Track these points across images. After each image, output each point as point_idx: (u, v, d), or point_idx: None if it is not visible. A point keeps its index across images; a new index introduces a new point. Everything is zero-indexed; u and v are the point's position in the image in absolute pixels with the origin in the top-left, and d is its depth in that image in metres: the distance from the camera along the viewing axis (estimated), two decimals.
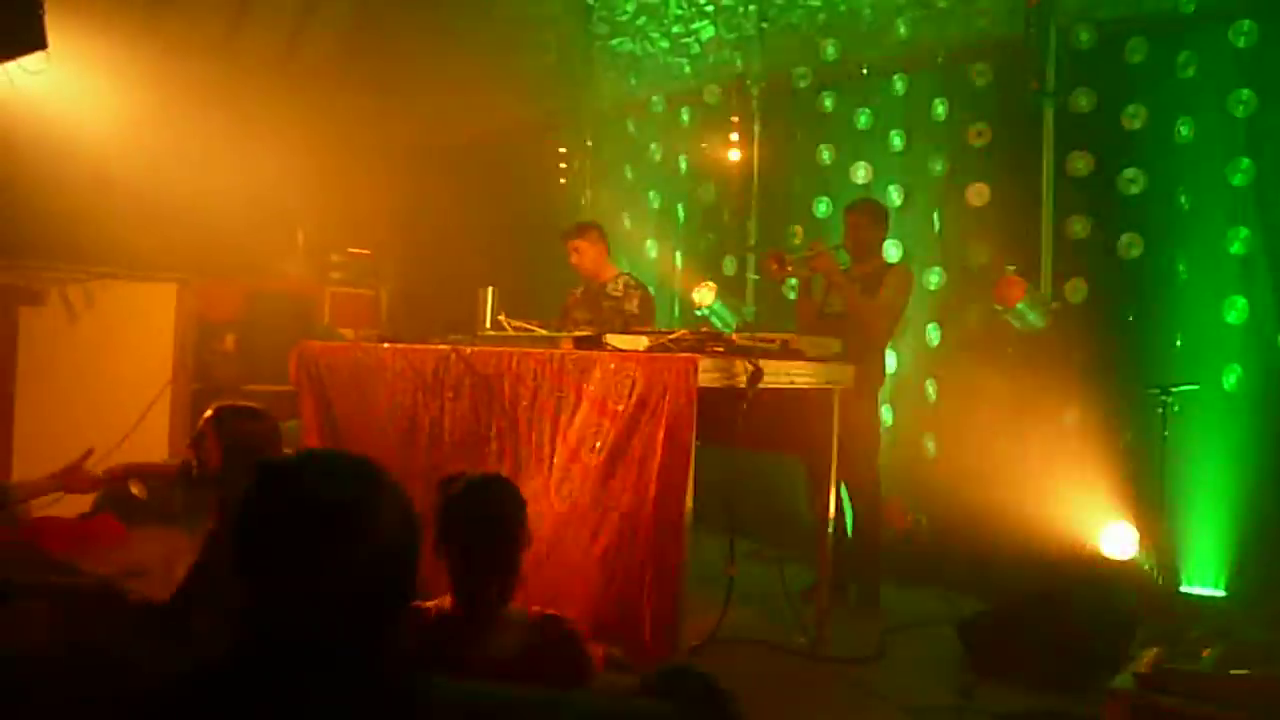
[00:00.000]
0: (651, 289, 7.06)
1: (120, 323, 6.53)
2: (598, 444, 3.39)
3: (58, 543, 4.31)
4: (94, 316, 6.40)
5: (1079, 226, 5.25)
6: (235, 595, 1.36)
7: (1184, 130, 4.96)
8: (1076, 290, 5.23)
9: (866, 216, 5.10)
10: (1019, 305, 5.05)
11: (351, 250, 8.16)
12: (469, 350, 4.00)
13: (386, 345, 4.47)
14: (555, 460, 3.56)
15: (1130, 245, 5.08)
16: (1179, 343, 4.91)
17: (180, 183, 6.68)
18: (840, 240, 5.15)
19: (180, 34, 7.17)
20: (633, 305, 5.39)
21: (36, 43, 4.57)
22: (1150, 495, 4.67)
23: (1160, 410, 4.63)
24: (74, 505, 4.74)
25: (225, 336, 7.30)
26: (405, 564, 1.40)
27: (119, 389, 6.24)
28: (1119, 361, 5.09)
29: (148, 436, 6.41)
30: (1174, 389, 4.64)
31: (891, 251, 5.76)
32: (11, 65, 5.01)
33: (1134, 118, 5.11)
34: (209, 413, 3.32)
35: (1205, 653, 3.56)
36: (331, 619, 1.32)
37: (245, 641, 1.33)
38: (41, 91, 5.70)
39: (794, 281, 5.76)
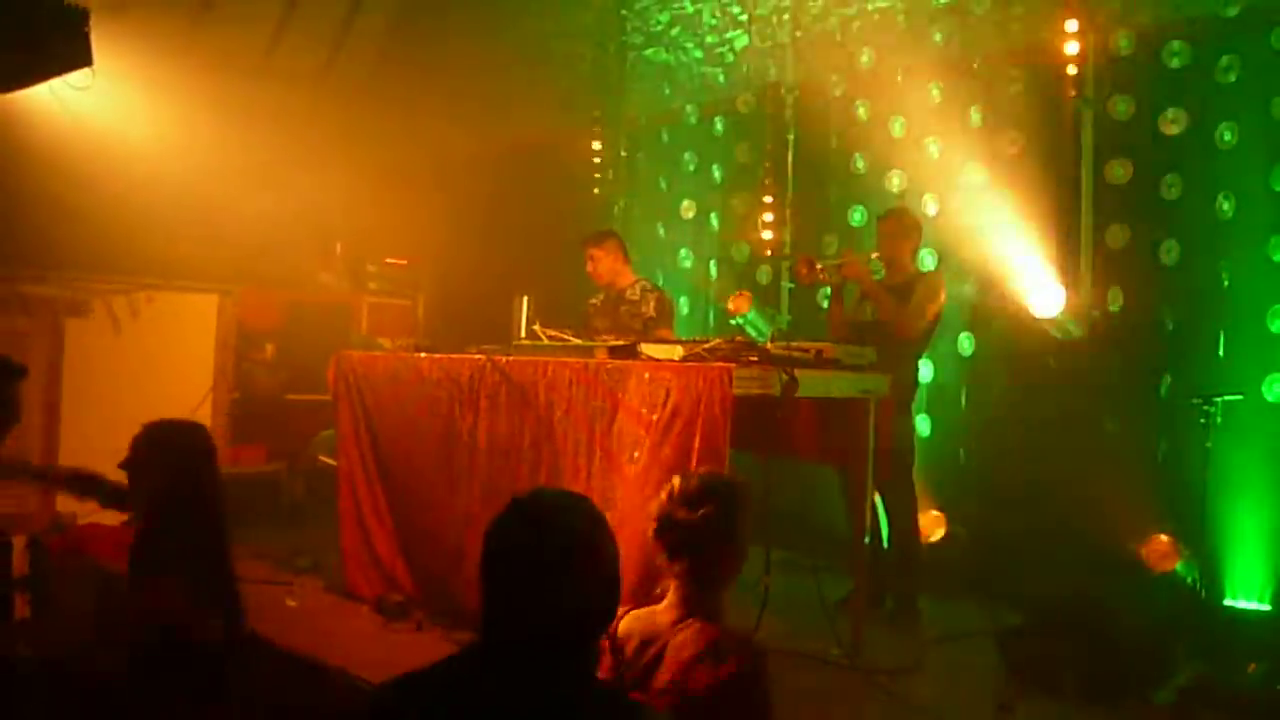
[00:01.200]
0: (685, 298, 7.10)
1: (163, 333, 6.66)
2: (635, 453, 3.40)
3: (102, 549, 4.37)
4: (137, 327, 6.53)
5: (1118, 234, 5.19)
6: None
7: (1226, 135, 4.90)
8: (1116, 298, 5.17)
9: (896, 226, 5.10)
10: (1057, 314, 5.01)
11: (389, 261, 8.23)
12: (504, 359, 4.03)
13: (423, 354, 4.51)
14: (594, 469, 3.57)
15: (1170, 253, 5.01)
16: (1221, 352, 4.84)
17: (221, 195, 6.80)
18: (873, 249, 5.13)
19: (222, 50, 7.29)
20: (649, 309, 5.41)
21: (82, 59, 4.66)
22: (1192, 507, 4.60)
23: (1202, 420, 4.56)
24: (118, 513, 4.82)
25: (265, 346, 7.40)
26: (617, 588, 1.72)
27: (162, 398, 6.32)
28: (1160, 371, 5.02)
29: None
30: (1216, 399, 4.57)
31: (928, 260, 5.73)
32: (57, 82, 5.11)
33: (1174, 123, 5.05)
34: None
35: (1251, 667, 3.51)
36: (559, 631, 1.60)
37: (484, 644, 1.61)
38: (87, 107, 5.81)
39: (827, 290, 5.74)
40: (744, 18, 7.00)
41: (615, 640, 2.38)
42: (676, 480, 2.50)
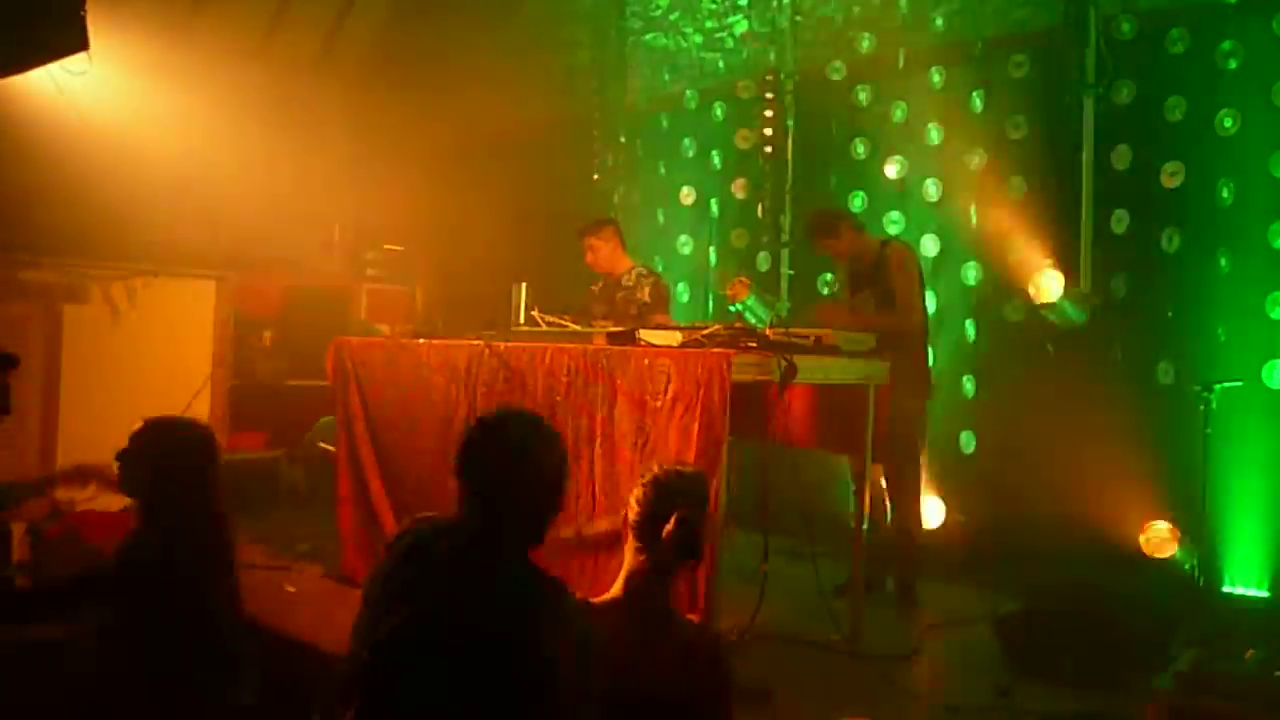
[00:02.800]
0: (685, 285, 7.08)
1: (161, 319, 6.65)
2: (638, 440, 3.40)
3: (99, 535, 4.38)
4: (135, 313, 6.52)
5: (1119, 221, 5.18)
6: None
7: (1227, 122, 4.88)
8: (1118, 285, 5.16)
9: (828, 236, 5.08)
10: (1058, 300, 5.00)
11: (387, 247, 8.21)
12: (502, 345, 4.02)
13: (421, 341, 4.50)
14: (595, 454, 3.56)
15: (1171, 239, 5.00)
16: (1221, 338, 4.83)
17: (219, 181, 6.78)
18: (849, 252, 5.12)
19: (219, 36, 7.26)
20: (644, 294, 5.40)
21: (78, 44, 4.64)
22: (1191, 493, 4.60)
23: (1202, 407, 4.56)
24: (117, 499, 4.83)
25: (263, 332, 7.39)
26: (561, 487, 2.28)
27: (160, 384, 6.35)
28: (1160, 357, 5.02)
29: None
30: (1216, 385, 4.56)
31: (928, 248, 5.71)
32: (54, 67, 5.08)
33: (1175, 110, 5.03)
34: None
35: (1248, 654, 3.51)
36: (516, 514, 2.20)
37: (463, 520, 2.22)
38: (83, 92, 5.79)
39: (828, 277, 5.74)
40: (744, 2, 6.97)
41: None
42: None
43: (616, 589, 2.57)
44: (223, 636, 2.87)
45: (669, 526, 2.51)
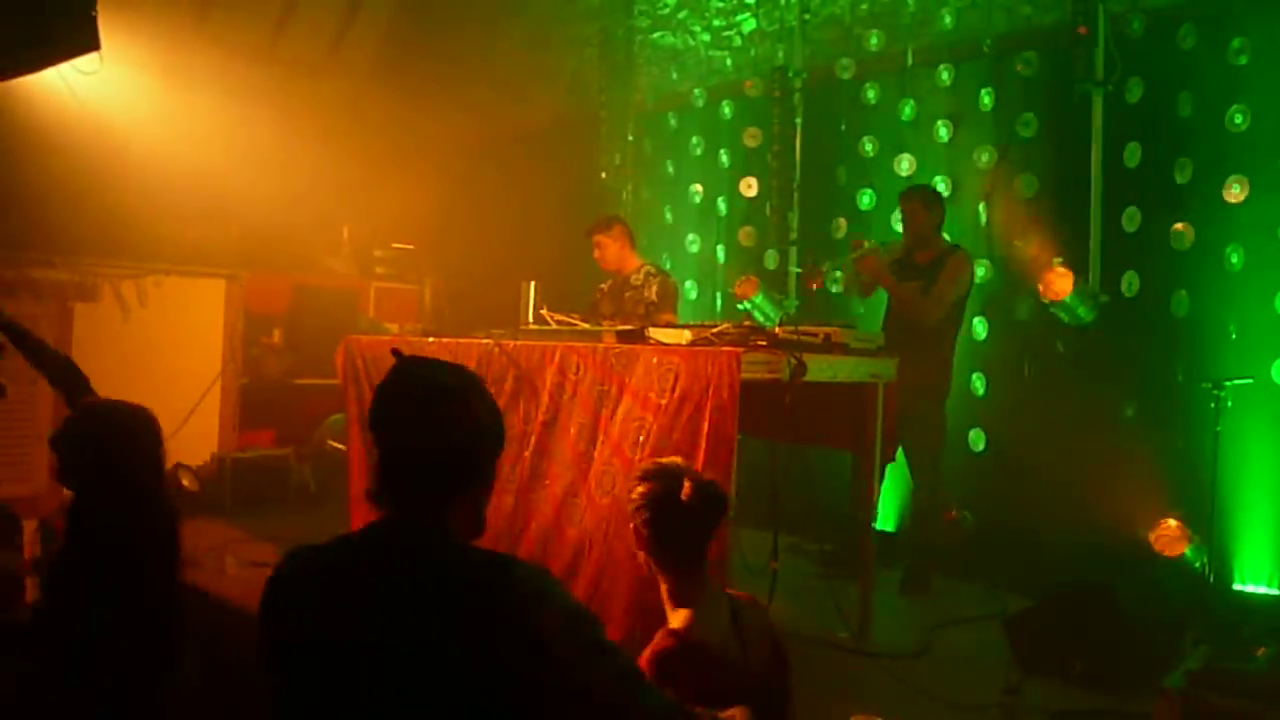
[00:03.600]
0: (693, 283, 7.08)
1: (171, 317, 6.68)
2: (641, 438, 3.40)
3: None
4: (146, 311, 6.56)
5: (1130, 218, 5.16)
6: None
7: (1238, 118, 4.86)
8: (1128, 283, 5.14)
9: (920, 203, 5.12)
10: (1067, 299, 4.99)
11: (395, 246, 8.23)
12: (511, 344, 4.02)
13: (430, 339, 4.51)
14: (597, 454, 3.57)
15: (1182, 237, 4.99)
16: (1233, 335, 4.82)
17: (228, 180, 6.80)
18: (880, 236, 5.16)
19: (228, 35, 7.27)
20: (651, 293, 5.41)
21: (89, 44, 4.66)
22: (1201, 491, 4.58)
23: (1213, 404, 4.54)
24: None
25: (272, 331, 7.42)
26: (490, 441, 1.83)
27: (170, 382, 6.38)
28: (1170, 355, 5.00)
29: (197, 430, 6.56)
30: (1227, 383, 4.55)
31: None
32: (65, 66, 5.10)
33: (1186, 106, 5.01)
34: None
35: (1260, 651, 3.50)
36: (434, 466, 1.75)
37: (375, 482, 1.77)
38: (94, 92, 5.82)
39: (839, 274, 5.72)
40: (751, 1, 6.96)
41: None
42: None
43: (681, 618, 2.36)
44: (166, 633, 2.83)
45: (685, 490, 2.39)
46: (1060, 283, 5.08)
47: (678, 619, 2.36)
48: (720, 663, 2.30)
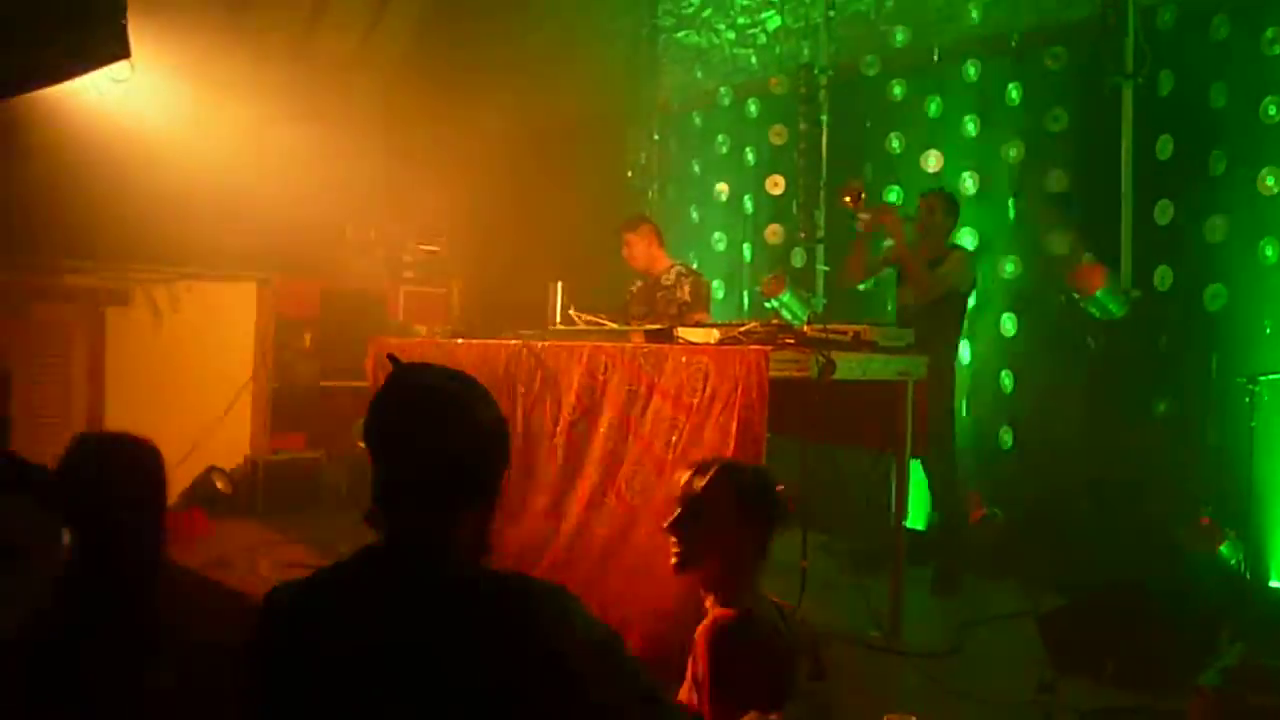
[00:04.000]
0: (720, 282, 7.07)
1: (203, 322, 6.74)
2: (673, 438, 3.40)
3: None
4: (178, 316, 6.61)
5: (1162, 212, 5.11)
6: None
7: (1271, 110, 4.79)
8: (1161, 277, 5.09)
9: (941, 203, 5.16)
10: (1098, 294, 4.95)
11: (424, 248, 8.26)
12: (540, 345, 4.04)
13: (459, 341, 4.54)
14: (627, 453, 3.58)
15: (1215, 229, 4.92)
16: (1268, 329, 4.75)
17: (258, 184, 6.84)
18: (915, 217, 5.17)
19: (258, 39, 7.32)
20: (684, 293, 5.40)
21: (120, 52, 4.71)
22: (1237, 487, 4.53)
23: (1247, 399, 4.49)
24: None
25: (303, 334, 7.47)
26: (495, 451, 1.69)
27: (202, 386, 6.45)
28: (1204, 350, 4.94)
29: (229, 433, 6.62)
30: (1262, 378, 4.49)
31: (966, 241, 5.68)
32: (97, 75, 5.16)
33: (1218, 98, 4.95)
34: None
35: None
36: (438, 480, 1.63)
37: (372, 501, 1.67)
38: (126, 99, 5.88)
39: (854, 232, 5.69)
40: None
41: None
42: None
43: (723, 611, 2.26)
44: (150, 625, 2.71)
45: (780, 488, 2.34)
46: (1091, 278, 5.03)
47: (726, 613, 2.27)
48: (779, 638, 2.23)
